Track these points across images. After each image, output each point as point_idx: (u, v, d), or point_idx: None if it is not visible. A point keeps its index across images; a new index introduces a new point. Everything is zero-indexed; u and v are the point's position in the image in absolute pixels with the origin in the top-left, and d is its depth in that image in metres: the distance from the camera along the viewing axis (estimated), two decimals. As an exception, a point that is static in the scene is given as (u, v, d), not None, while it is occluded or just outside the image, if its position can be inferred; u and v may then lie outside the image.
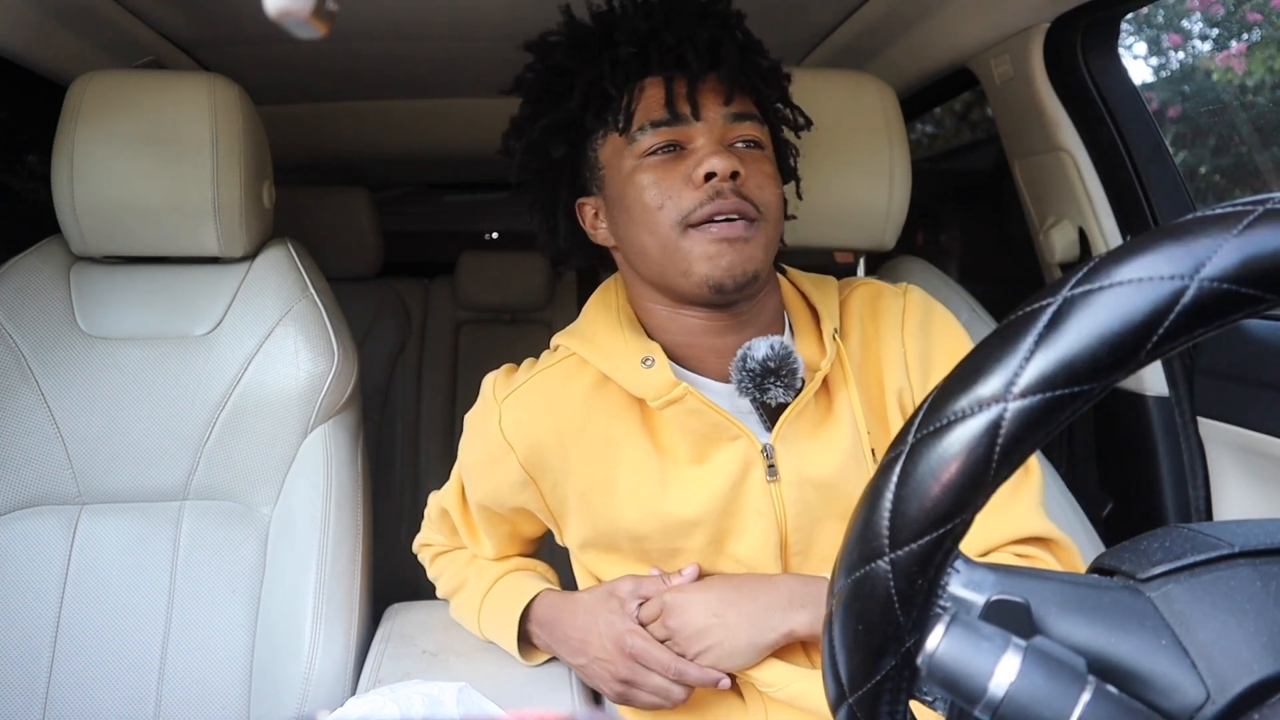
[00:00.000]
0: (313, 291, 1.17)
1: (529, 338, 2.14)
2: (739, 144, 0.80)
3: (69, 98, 1.08)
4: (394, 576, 1.60)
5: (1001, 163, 1.54)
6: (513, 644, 0.94)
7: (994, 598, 0.35)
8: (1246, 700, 0.32)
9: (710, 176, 0.75)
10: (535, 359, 0.91)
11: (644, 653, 0.83)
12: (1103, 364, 0.31)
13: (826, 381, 0.85)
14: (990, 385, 0.32)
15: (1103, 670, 0.33)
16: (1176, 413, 1.27)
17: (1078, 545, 0.84)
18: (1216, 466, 1.23)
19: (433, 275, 2.30)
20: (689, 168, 0.77)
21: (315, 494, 1.10)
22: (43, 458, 1.08)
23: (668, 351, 0.83)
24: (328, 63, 1.57)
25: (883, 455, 0.35)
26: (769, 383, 0.78)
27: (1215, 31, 2.09)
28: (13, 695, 1.03)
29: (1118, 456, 1.39)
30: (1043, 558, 0.82)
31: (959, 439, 0.33)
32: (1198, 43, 2.16)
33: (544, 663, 0.98)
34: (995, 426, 0.32)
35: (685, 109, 0.78)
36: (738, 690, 0.86)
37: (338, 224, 2.04)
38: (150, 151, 1.07)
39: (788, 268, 0.94)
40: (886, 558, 0.34)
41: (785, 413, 0.82)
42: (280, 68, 1.57)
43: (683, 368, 0.85)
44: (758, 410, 0.83)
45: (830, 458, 0.82)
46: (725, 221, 0.76)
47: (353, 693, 1.03)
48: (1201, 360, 1.24)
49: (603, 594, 0.88)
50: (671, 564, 0.87)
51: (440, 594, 1.07)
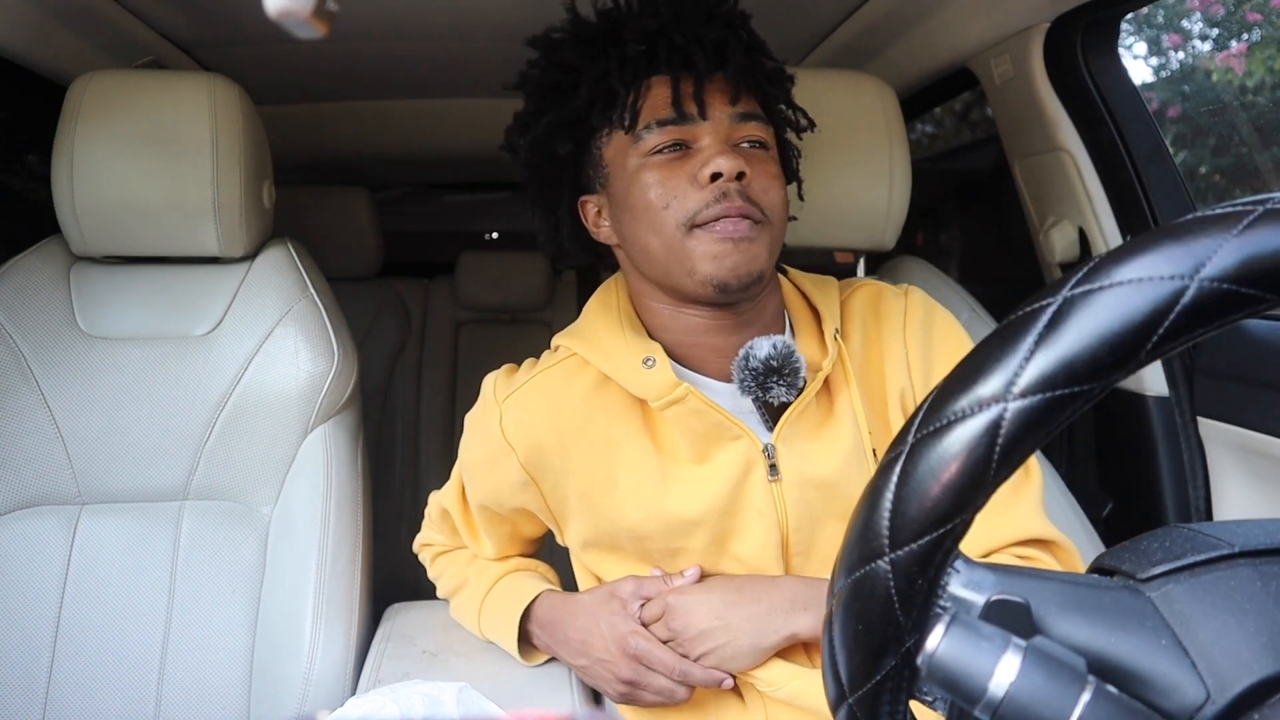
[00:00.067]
0: (313, 291, 1.17)
1: (529, 338, 2.15)
2: (744, 144, 0.79)
3: (69, 98, 1.08)
4: (394, 576, 1.61)
5: (1001, 163, 1.54)
6: (513, 644, 0.94)
7: (994, 598, 0.35)
8: (1246, 700, 0.32)
9: (716, 177, 0.75)
10: (535, 359, 0.91)
11: (647, 654, 0.83)
12: (1103, 364, 0.31)
13: (828, 382, 0.85)
14: (990, 385, 0.32)
15: (1103, 670, 0.33)
16: (1176, 413, 1.27)
17: (1078, 545, 0.84)
18: (1216, 466, 1.23)
19: (433, 275, 2.30)
20: (695, 167, 0.76)
21: (315, 494, 1.11)
22: (43, 458, 1.08)
23: (669, 351, 0.83)
24: (328, 63, 1.57)
25: (883, 455, 0.35)
26: (771, 382, 0.78)
27: (1215, 31, 2.09)
28: (13, 695, 1.03)
29: (1118, 456, 1.39)
30: (1043, 559, 0.82)
31: (959, 439, 0.33)
32: (1198, 43, 2.16)
33: (544, 663, 0.98)
34: (995, 426, 0.32)
35: (692, 108, 0.77)
36: (737, 689, 0.86)
37: (338, 224, 2.04)
38: (150, 151, 1.07)
39: (789, 268, 0.94)
40: (886, 558, 0.34)
41: (787, 412, 0.82)
42: (280, 68, 1.57)
43: (684, 367, 0.85)
44: (759, 410, 0.83)
45: (832, 458, 0.82)
46: (730, 220, 0.75)
47: (353, 693, 1.03)
48: (1201, 360, 1.24)
49: (604, 595, 0.88)
50: (673, 564, 0.87)
51: (440, 594, 1.07)
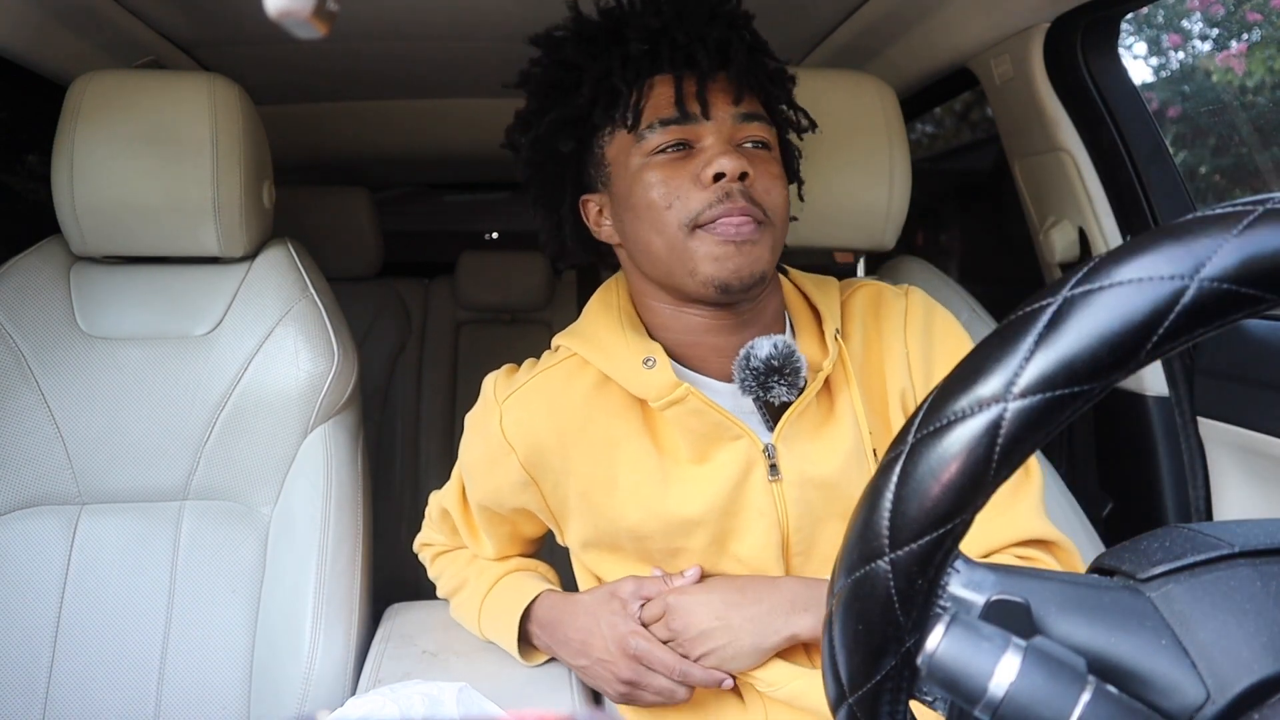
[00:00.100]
0: (313, 291, 1.17)
1: (529, 338, 2.15)
2: (747, 144, 0.79)
3: (69, 98, 1.08)
4: (394, 576, 1.60)
5: (1001, 163, 1.54)
6: (513, 645, 0.94)
7: (994, 598, 0.35)
8: (1246, 700, 0.32)
9: (719, 177, 0.75)
10: (536, 359, 0.91)
11: (647, 654, 0.83)
12: (1103, 364, 0.31)
13: (828, 382, 0.85)
14: (990, 385, 0.32)
15: (1103, 670, 0.33)
16: (1176, 413, 1.27)
17: (1078, 545, 0.84)
18: (1216, 466, 1.23)
19: (433, 275, 2.30)
20: (698, 167, 0.76)
21: (315, 494, 1.10)
22: (43, 458, 1.08)
23: (669, 350, 0.83)
24: (328, 63, 1.57)
25: (883, 455, 0.35)
26: (772, 381, 0.78)
27: (1215, 31, 2.09)
28: (13, 695, 1.03)
29: (1118, 456, 1.39)
30: (1043, 560, 0.82)
31: (959, 439, 0.33)
32: (1198, 43, 2.16)
33: (544, 663, 0.98)
34: (995, 426, 0.32)
35: (695, 108, 0.77)
36: (737, 690, 0.86)
37: (338, 224, 2.04)
38: (150, 151, 1.07)
39: (789, 268, 0.94)
40: (886, 558, 0.34)
41: (787, 412, 0.82)
42: (280, 68, 1.57)
43: (684, 367, 0.85)
44: (760, 410, 0.83)
45: (832, 458, 0.82)
46: (733, 220, 0.75)
47: (353, 693, 1.03)
48: (1201, 360, 1.24)
49: (604, 595, 0.88)
50: (673, 564, 0.87)
51: (440, 594, 1.07)
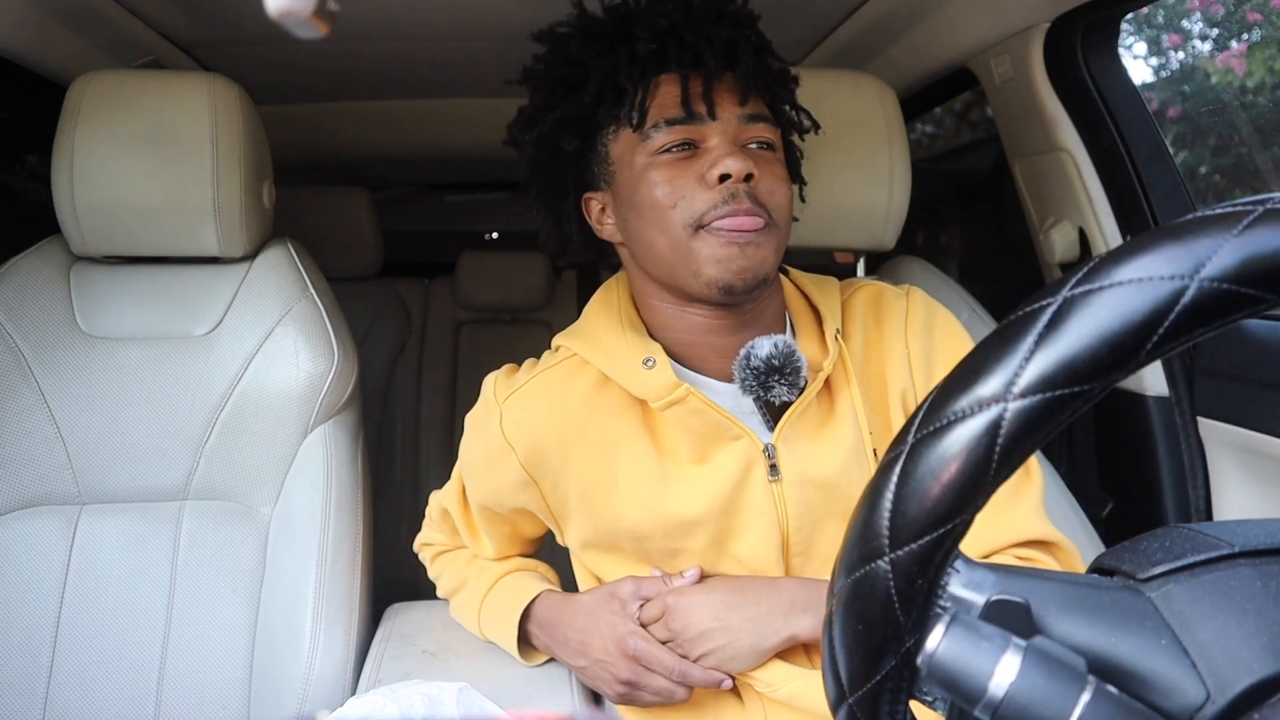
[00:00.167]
0: (313, 291, 1.17)
1: (529, 338, 2.15)
2: (752, 145, 0.79)
3: (69, 98, 1.08)
4: (394, 576, 1.60)
5: (1001, 163, 1.54)
6: (513, 644, 0.94)
7: (994, 598, 0.35)
8: (1246, 700, 0.32)
9: (725, 178, 0.75)
10: (536, 359, 0.91)
11: (646, 654, 0.83)
12: (1103, 364, 0.31)
13: (829, 382, 0.85)
14: (990, 385, 0.32)
15: (1103, 670, 0.33)
16: (1176, 413, 1.27)
17: (1078, 545, 0.84)
18: (1216, 466, 1.23)
19: (433, 275, 2.30)
20: (703, 167, 0.76)
21: (315, 494, 1.10)
22: (43, 458, 1.08)
23: (669, 350, 0.83)
24: (328, 63, 1.57)
25: (883, 455, 0.35)
26: (773, 381, 0.78)
27: (1215, 32, 2.09)
28: (13, 695, 1.03)
29: (1118, 456, 1.39)
30: (1043, 561, 0.82)
31: (959, 439, 0.33)
32: (1198, 43, 2.16)
33: (544, 663, 0.98)
34: (995, 426, 0.32)
35: (701, 108, 0.77)
36: (736, 690, 0.86)
37: (338, 224, 2.04)
38: (150, 151, 1.07)
39: (790, 268, 0.94)
40: (886, 558, 0.34)
41: (788, 412, 0.82)
42: (280, 68, 1.57)
43: (684, 367, 0.85)
44: (760, 410, 0.83)
45: (832, 458, 0.82)
46: (737, 221, 0.75)
47: (353, 693, 1.03)
48: (1201, 360, 1.24)
49: (603, 595, 0.88)
50: (673, 564, 0.87)
51: (440, 594, 1.07)
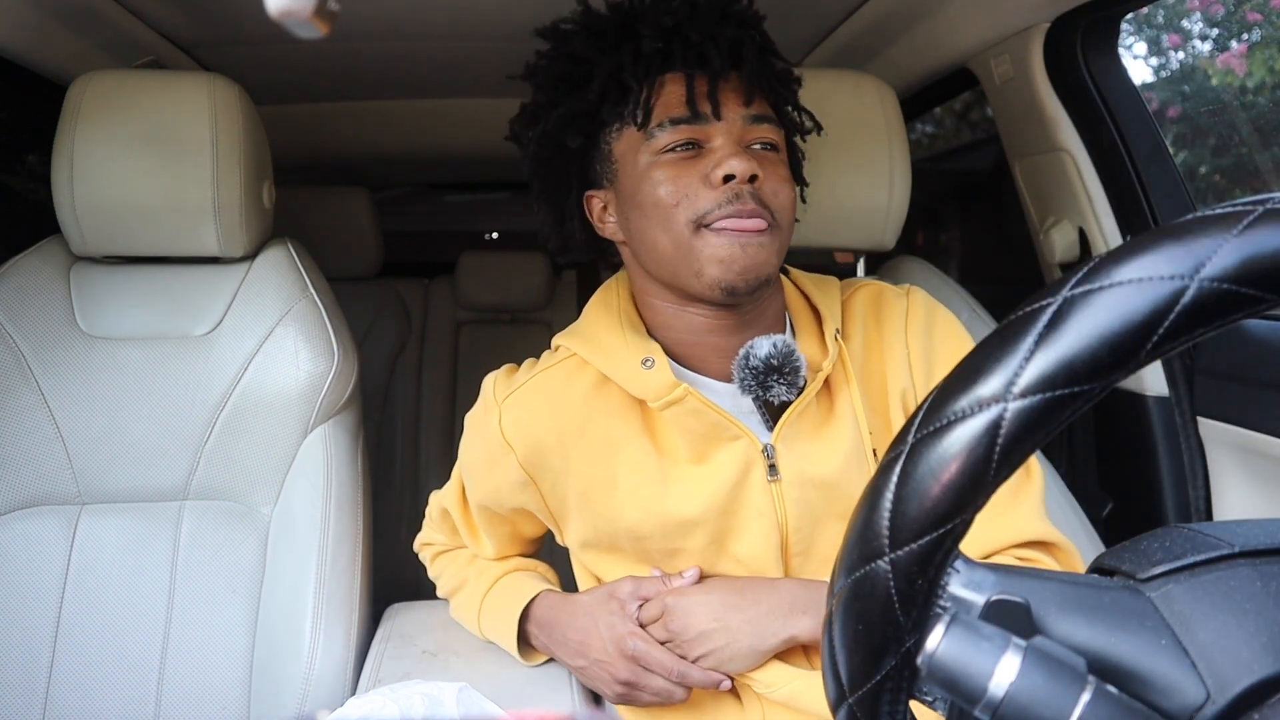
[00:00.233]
0: (313, 291, 1.17)
1: (529, 338, 2.15)
2: (756, 146, 0.79)
3: (69, 98, 1.08)
4: (394, 576, 1.61)
5: (1001, 163, 1.54)
6: (512, 644, 0.94)
7: (994, 598, 0.35)
8: (1246, 700, 0.32)
9: (729, 178, 0.75)
10: (535, 359, 0.91)
11: (645, 655, 0.83)
12: (1103, 364, 0.31)
13: (828, 382, 0.85)
14: (990, 385, 0.32)
15: (1103, 670, 0.33)
16: (1176, 413, 1.27)
17: (1078, 545, 0.84)
18: (1216, 466, 1.23)
19: (433, 275, 2.30)
20: (707, 167, 0.76)
21: (315, 494, 1.10)
22: (43, 458, 1.08)
23: (669, 350, 0.83)
24: (328, 63, 1.57)
25: (883, 455, 0.35)
26: (772, 380, 0.78)
27: (1215, 32, 2.09)
28: (13, 695, 1.03)
29: (1118, 456, 1.39)
30: (1044, 561, 0.82)
31: (959, 439, 0.33)
32: (1198, 43, 2.16)
33: (544, 663, 0.98)
34: (995, 426, 0.32)
35: (706, 108, 0.77)
36: (734, 690, 0.86)
37: (338, 224, 2.04)
38: (150, 151, 1.07)
39: (790, 268, 0.94)
40: (886, 558, 0.34)
41: (787, 412, 0.82)
42: (280, 68, 1.57)
43: (683, 367, 0.85)
44: (760, 409, 0.83)
45: (832, 458, 0.82)
46: (741, 221, 0.75)
47: (353, 693, 1.03)
48: (1201, 360, 1.24)
49: (602, 595, 0.88)
50: (672, 564, 0.87)
51: (440, 593, 1.07)
